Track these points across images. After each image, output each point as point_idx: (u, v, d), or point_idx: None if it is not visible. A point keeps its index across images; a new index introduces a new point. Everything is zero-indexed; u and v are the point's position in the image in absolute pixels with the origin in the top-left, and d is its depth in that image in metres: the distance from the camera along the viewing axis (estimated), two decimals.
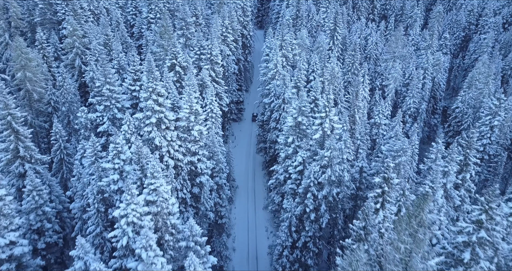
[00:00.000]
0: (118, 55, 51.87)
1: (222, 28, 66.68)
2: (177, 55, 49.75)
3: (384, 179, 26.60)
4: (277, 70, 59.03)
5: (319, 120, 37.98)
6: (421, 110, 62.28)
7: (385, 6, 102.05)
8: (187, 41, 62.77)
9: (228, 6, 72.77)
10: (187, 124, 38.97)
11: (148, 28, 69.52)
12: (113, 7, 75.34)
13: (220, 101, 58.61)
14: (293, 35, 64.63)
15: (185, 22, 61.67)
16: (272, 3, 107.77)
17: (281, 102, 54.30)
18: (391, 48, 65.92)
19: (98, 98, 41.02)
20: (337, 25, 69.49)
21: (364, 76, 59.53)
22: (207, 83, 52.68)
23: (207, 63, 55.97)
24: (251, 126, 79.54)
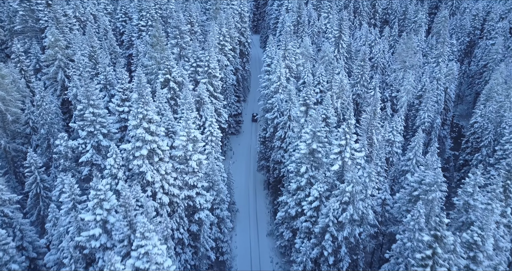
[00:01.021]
0: (105, 69, 45.62)
1: (220, 36, 60.68)
2: (171, 70, 43.66)
3: (436, 237, 20.92)
4: (280, 83, 53.18)
5: (337, 148, 32.19)
6: (435, 125, 56.89)
7: (386, 10, 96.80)
8: (182, 51, 56.65)
9: (225, 12, 66.77)
10: (184, 154, 32.96)
11: (139, 37, 63.25)
12: (100, 13, 68.88)
13: (219, 117, 52.65)
14: (296, 44, 58.83)
15: (179, 30, 55.53)
16: (269, 7, 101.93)
17: (287, 120, 48.45)
18: (401, 57, 60.46)
19: (80, 123, 34.79)
20: (342, 32, 63.84)
21: (375, 88, 53.89)
22: (205, 99, 46.65)
23: (204, 76, 49.95)
24: (250, 140, 73.67)
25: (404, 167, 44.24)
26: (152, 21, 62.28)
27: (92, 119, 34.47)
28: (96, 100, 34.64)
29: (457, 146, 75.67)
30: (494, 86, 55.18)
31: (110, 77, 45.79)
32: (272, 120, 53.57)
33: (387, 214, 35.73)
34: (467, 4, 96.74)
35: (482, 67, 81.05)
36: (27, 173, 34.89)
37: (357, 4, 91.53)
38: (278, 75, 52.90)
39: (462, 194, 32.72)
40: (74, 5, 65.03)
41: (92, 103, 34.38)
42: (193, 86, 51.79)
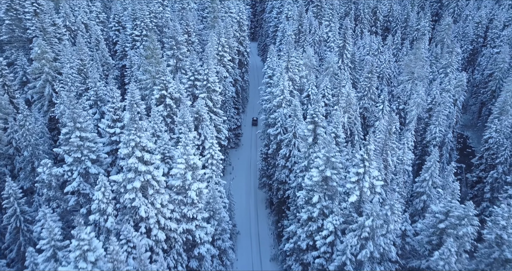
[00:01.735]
0: (96, 84, 41.58)
1: (218, 46, 56.92)
2: (167, 85, 39.75)
3: None
4: (284, 97, 49.44)
5: (355, 176, 28.41)
6: (447, 140, 53.41)
7: (387, 18, 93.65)
8: (178, 63, 52.80)
9: (223, 21, 63.03)
10: (182, 184, 29.01)
11: (132, 47, 59.31)
12: (92, 22, 64.88)
13: (219, 134, 48.76)
14: (299, 54, 55.19)
15: (175, 41, 51.69)
16: (267, 15, 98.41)
17: (292, 137, 44.66)
18: (409, 68, 57.02)
19: (66, 148, 30.73)
20: (346, 42, 60.34)
21: (384, 102, 50.36)
22: (204, 116, 42.71)
23: (203, 91, 46.08)
24: (250, 153, 69.79)
25: (419, 188, 40.55)
26: (147, 30, 58.42)
27: (79, 144, 30.42)
28: (83, 123, 30.62)
29: (462, 158, 72.35)
30: (508, 99, 51.82)
31: (101, 93, 41.77)
32: (275, 136, 49.76)
33: (407, 246, 31.96)
34: (469, 12, 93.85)
35: (488, 77, 77.93)
36: (5, 205, 30.72)
37: (358, 12, 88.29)
38: (282, 89, 49.16)
39: (493, 227, 29.03)
40: (64, 14, 60.99)
41: (79, 126, 30.35)
42: (191, 101, 47.94)
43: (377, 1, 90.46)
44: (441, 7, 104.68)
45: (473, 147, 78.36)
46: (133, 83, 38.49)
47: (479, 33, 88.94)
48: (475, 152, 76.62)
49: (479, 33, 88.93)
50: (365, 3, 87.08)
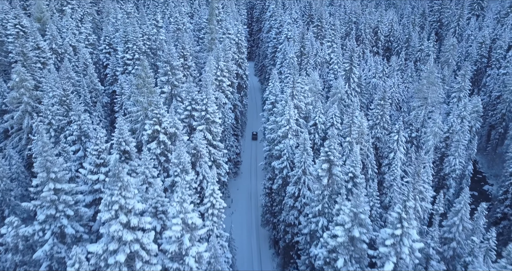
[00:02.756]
0: (79, 118, 35.87)
1: (217, 71, 51.73)
2: (161, 119, 34.13)
3: None
4: (290, 127, 44.07)
5: (390, 239, 22.79)
6: (467, 172, 48.23)
7: (388, 38, 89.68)
8: (174, 90, 47.43)
9: (221, 42, 58.00)
10: (178, 249, 23.14)
11: (124, 71, 53.89)
12: (81, 44, 59.48)
13: (218, 169, 43.08)
14: (304, 79, 50.13)
15: (170, 66, 46.44)
16: (265, 34, 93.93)
17: (301, 174, 39.07)
18: (421, 93, 52.19)
19: (37, 203, 24.81)
20: (353, 65, 55.61)
21: (399, 132, 45.19)
22: (202, 151, 37.07)
23: (201, 122, 40.54)
24: (250, 181, 64.06)
25: (447, 233, 35.07)
26: (140, 54, 53.12)
27: (53, 198, 24.53)
28: (59, 172, 24.78)
29: (474, 184, 67.26)
30: None
31: (85, 127, 36.03)
32: (280, 170, 44.15)
33: None
34: (471, 31, 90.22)
35: (496, 99, 73.53)
36: None
37: (359, 32, 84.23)
38: (287, 118, 43.80)
39: None
40: (50, 36, 55.53)
41: (53, 176, 24.51)
42: (188, 134, 42.35)
43: (378, 21, 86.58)
44: (440, 27, 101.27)
45: (484, 172, 73.52)
46: (122, 118, 32.83)
47: (482, 54, 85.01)
48: (486, 178, 71.78)
49: (483, 54, 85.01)
50: (366, 23, 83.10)
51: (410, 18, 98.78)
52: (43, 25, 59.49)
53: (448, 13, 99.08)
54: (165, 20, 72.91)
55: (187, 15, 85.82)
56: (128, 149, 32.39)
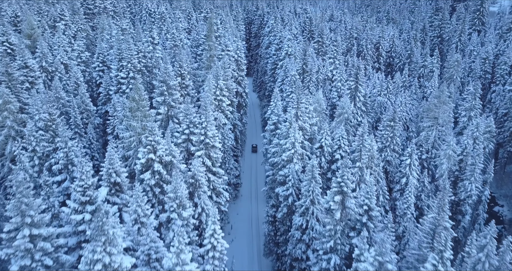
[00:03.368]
0: (66, 144, 32.40)
1: (216, 90, 48.62)
2: (156, 147, 30.71)
3: None
4: (295, 150, 40.76)
5: None
6: (483, 198, 44.93)
7: (390, 53, 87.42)
8: (170, 111, 44.16)
9: (221, 60, 55.03)
10: None
11: (117, 90, 50.61)
12: (73, 62, 56.33)
13: (218, 198, 39.51)
14: (309, 99, 47.07)
15: (167, 85, 43.28)
16: (264, 50, 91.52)
17: (309, 204, 35.58)
18: (432, 113, 49.19)
19: (10, 252, 21.11)
20: (358, 83, 52.75)
21: (412, 156, 41.99)
22: (201, 180, 33.55)
23: (200, 147, 37.12)
24: (251, 204, 60.38)
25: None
26: (134, 72, 49.98)
27: (28, 247, 20.87)
28: (36, 216, 21.17)
29: None
30: None
31: (72, 155, 32.50)
32: (285, 197, 40.68)
33: None
34: (473, 47, 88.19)
35: (503, 116, 70.81)
36: None
37: (360, 48, 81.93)
38: (292, 142, 40.52)
39: None
40: (40, 54, 52.39)
41: (29, 221, 20.90)
42: (185, 158, 38.93)
43: (379, 37, 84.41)
44: (441, 42, 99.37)
45: (493, 192, 70.27)
46: (112, 145, 29.42)
47: (486, 69, 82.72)
48: (495, 199, 68.55)
49: (487, 69, 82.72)
50: (368, 39, 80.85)
51: (411, 33, 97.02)
52: (34, 42, 56.41)
53: (448, 29, 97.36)
54: (162, 36, 70.19)
55: (185, 31, 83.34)
56: (119, 180, 28.89)
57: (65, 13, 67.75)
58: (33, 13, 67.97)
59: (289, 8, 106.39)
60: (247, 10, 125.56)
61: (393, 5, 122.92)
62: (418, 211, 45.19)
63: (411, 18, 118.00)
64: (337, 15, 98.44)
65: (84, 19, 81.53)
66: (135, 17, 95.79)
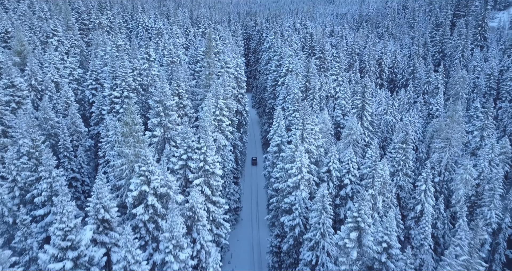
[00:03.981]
0: (50, 174, 28.97)
1: (216, 110, 45.50)
2: (150, 178, 27.32)
3: None
4: (302, 176, 37.45)
5: None
6: (504, 225, 41.56)
7: (392, 69, 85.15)
8: (167, 133, 40.89)
9: (221, 78, 52.08)
10: None
11: (111, 110, 47.42)
12: (65, 80, 53.21)
13: (218, 229, 35.92)
14: (315, 119, 44.01)
15: (163, 106, 40.14)
16: (263, 66, 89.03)
17: (320, 238, 32.08)
18: (444, 133, 46.21)
19: None
20: (366, 102, 49.87)
21: (427, 181, 38.77)
22: (200, 213, 30.08)
23: (199, 174, 33.74)
24: (252, 229, 56.56)
25: None
26: (129, 91, 46.88)
27: None
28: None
29: None
30: None
31: (57, 186, 29.02)
32: (291, 228, 37.20)
33: None
34: (477, 62, 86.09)
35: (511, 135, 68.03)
36: None
37: (363, 63, 79.58)
38: (299, 167, 37.24)
39: None
40: (30, 71, 49.28)
41: None
42: (182, 186, 35.48)
43: (382, 52, 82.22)
44: (443, 58, 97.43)
45: None
46: (101, 176, 26.00)
47: (491, 86, 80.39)
48: None
49: (492, 86, 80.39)
50: (370, 55, 78.57)
51: (411, 48, 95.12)
52: (24, 59, 53.37)
53: (450, 44, 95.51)
54: (159, 52, 67.44)
55: (182, 47, 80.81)
56: (108, 216, 25.41)
57: (58, 29, 64.98)
58: (25, 29, 65.23)
59: (288, 23, 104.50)
60: (245, 25, 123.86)
61: (392, 20, 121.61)
62: (433, 239, 41.79)
63: (410, 33, 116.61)
64: (337, 30, 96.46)
65: (79, 34, 78.90)
66: (132, 32, 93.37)
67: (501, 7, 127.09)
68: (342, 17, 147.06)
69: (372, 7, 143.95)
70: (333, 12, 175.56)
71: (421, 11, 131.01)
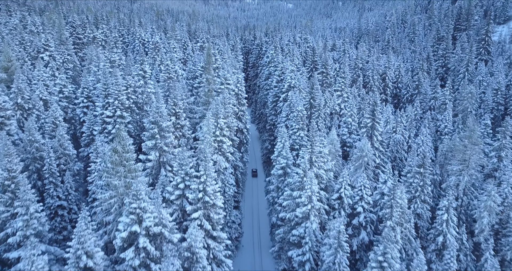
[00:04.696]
0: (27, 210, 24.92)
1: (216, 130, 41.75)
2: (142, 216, 23.34)
3: None
4: (312, 206, 33.55)
5: None
6: None
7: (396, 84, 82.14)
8: (162, 156, 37.02)
9: (221, 95, 48.41)
10: None
11: (102, 131, 43.57)
12: (55, 97, 49.45)
13: (220, 267, 31.74)
14: (323, 141, 40.29)
15: (158, 127, 36.38)
16: (263, 82, 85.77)
17: None
18: (461, 155, 42.59)
19: None
20: (375, 121, 46.34)
21: (449, 210, 34.94)
22: (199, 253, 26.00)
23: (197, 206, 29.75)
24: (254, 255, 52.15)
25: None
26: (122, 110, 43.15)
27: None
28: None
29: None
30: None
31: (35, 224, 24.94)
32: (301, 263, 33.11)
33: None
34: (482, 77, 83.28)
35: None
36: None
37: (366, 78, 76.53)
38: (309, 195, 33.37)
39: None
40: (16, 89, 45.56)
41: None
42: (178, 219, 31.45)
43: (386, 67, 79.32)
44: (446, 72, 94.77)
45: None
46: (84, 214, 22.03)
47: (499, 101, 77.40)
48: None
49: (499, 101, 77.40)
50: (374, 69, 75.58)
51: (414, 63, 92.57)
52: (10, 76, 49.69)
53: (454, 58, 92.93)
54: (155, 68, 64.01)
55: (180, 61, 77.59)
56: (91, 264, 21.33)
57: (50, 43, 61.55)
58: (15, 43, 61.76)
59: (288, 37, 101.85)
60: (244, 39, 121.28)
61: (392, 34, 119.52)
62: None
63: (411, 47, 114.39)
64: (339, 44, 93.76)
65: (73, 49, 75.62)
66: (128, 47, 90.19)
67: (501, 21, 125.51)
68: (341, 31, 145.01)
69: (371, 21, 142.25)
70: (331, 26, 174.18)
71: (421, 25, 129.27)
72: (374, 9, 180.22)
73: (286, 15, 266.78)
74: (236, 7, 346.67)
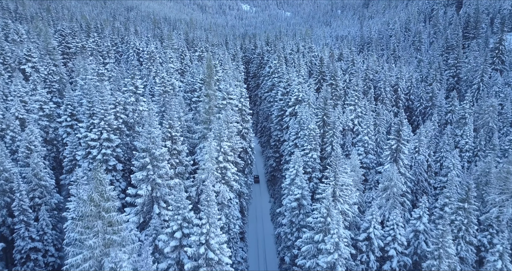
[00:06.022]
0: None
1: (219, 155, 35.10)
2: None
3: None
4: (340, 254, 26.84)
5: None
6: None
7: (408, 96, 76.05)
8: (155, 190, 30.30)
9: (224, 112, 41.75)
10: None
11: (86, 156, 36.80)
12: (34, 116, 42.70)
13: None
14: (346, 168, 33.68)
15: (151, 156, 29.75)
16: (266, 93, 79.36)
17: None
18: (504, 182, 36.18)
19: None
20: (401, 142, 39.89)
21: (503, 255, 28.40)
22: None
23: (199, 263, 22.95)
24: None
25: None
26: (109, 132, 36.42)
27: None
28: None
29: None
30: None
31: None
32: None
33: None
34: (499, 88, 77.39)
35: None
36: None
37: (378, 90, 70.38)
38: (336, 242, 26.69)
39: None
40: None
41: None
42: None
43: (397, 78, 73.28)
44: (458, 82, 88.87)
45: None
46: None
47: None
48: None
49: None
50: (386, 80, 69.47)
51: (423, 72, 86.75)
52: None
53: (466, 68, 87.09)
54: (150, 80, 57.47)
55: (177, 72, 71.13)
56: None
57: (33, 54, 54.95)
58: None
59: (291, 46, 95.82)
60: (244, 48, 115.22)
61: (397, 42, 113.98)
62: None
63: (417, 56, 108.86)
64: (346, 53, 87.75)
65: (63, 59, 69.05)
66: (122, 56, 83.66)
67: (509, 29, 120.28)
68: (343, 39, 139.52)
69: (373, 29, 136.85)
70: (331, 34, 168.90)
71: (425, 33, 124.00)
72: (375, 17, 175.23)
73: (284, 23, 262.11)
74: (234, 15, 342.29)
